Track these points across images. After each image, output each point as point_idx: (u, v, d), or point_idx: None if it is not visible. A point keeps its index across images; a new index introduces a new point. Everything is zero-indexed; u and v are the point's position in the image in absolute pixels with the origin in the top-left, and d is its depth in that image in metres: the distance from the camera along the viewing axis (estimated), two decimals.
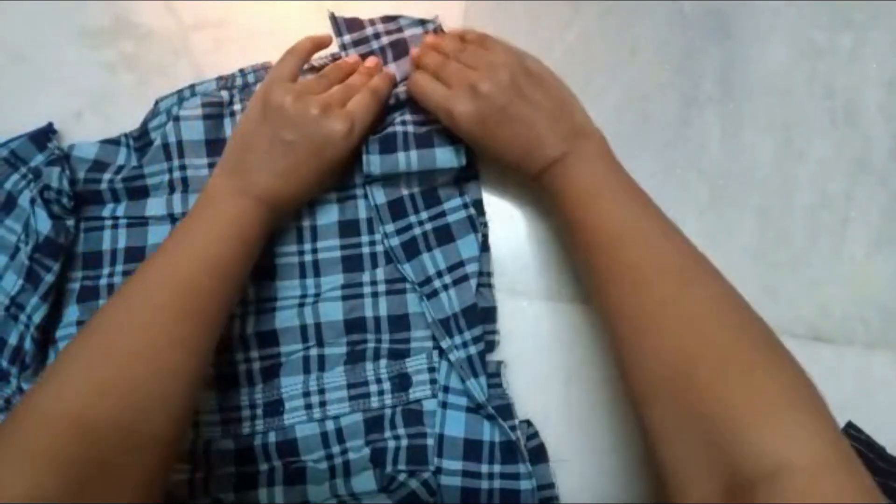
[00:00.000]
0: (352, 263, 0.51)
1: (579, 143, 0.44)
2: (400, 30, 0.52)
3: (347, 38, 0.52)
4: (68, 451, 0.33)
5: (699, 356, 0.35)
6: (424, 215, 0.50)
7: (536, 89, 0.45)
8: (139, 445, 0.36)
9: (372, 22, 0.52)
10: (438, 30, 0.52)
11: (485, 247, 0.51)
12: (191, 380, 0.40)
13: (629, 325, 0.38)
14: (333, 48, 0.52)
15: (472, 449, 0.47)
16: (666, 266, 0.39)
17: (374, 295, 0.50)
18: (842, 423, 0.50)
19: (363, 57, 0.51)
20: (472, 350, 0.48)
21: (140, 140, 0.52)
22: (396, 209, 0.51)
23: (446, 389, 0.48)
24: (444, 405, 0.48)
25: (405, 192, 0.51)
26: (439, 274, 0.49)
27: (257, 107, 0.47)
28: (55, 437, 0.34)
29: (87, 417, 0.35)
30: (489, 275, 0.51)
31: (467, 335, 0.48)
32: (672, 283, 0.38)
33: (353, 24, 0.52)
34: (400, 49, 0.51)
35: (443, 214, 0.50)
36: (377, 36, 0.52)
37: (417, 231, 0.50)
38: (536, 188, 0.45)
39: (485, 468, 0.47)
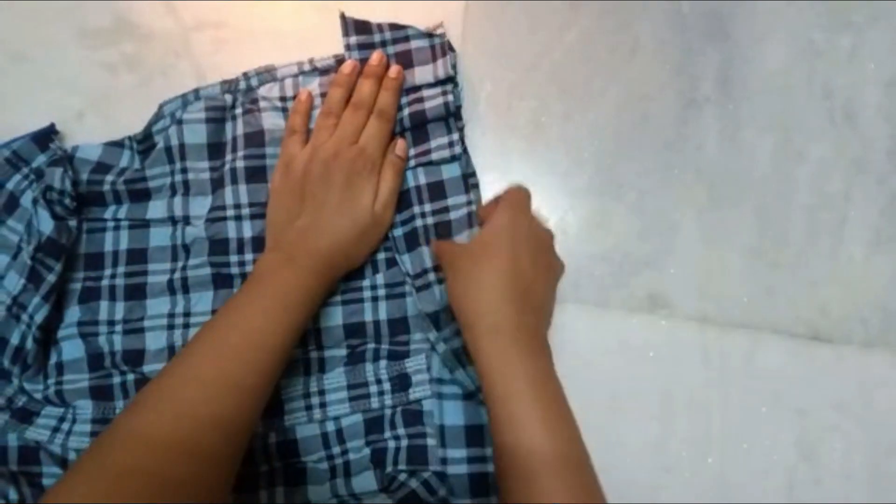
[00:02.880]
0: (352, 270, 0.51)
1: (528, 329, 0.42)
2: (407, 39, 0.52)
3: (353, 39, 0.52)
4: (141, 467, 0.36)
5: None
6: (428, 207, 0.51)
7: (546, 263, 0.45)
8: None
9: (381, 28, 0.52)
10: (444, 43, 0.52)
11: None
12: (235, 442, 0.40)
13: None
14: (336, 49, 0.53)
15: (474, 434, 0.48)
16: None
17: (374, 299, 0.51)
18: (842, 424, 0.50)
19: (363, 63, 0.51)
20: (457, 342, 0.48)
21: (143, 143, 0.52)
22: (401, 199, 0.51)
23: (440, 381, 0.49)
24: (439, 396, 0.48)
25: (412, 184, 0.51)
26: (435, 268, 0.49)
27: (278, 186, 0.49)
28: (131, 455, 0.36)
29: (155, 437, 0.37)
30: None
31: (454, 327, 0.48)
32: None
33: (362, 27, 0.52)
34: (405, 60, 0.51)
35: (446, 210, 0.51)
36: (384, 44, 0.52)
37: (419, 223, 0.50)
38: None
39: (489, 451, 0.47)
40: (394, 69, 0.51)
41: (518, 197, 0.46)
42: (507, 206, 0.45)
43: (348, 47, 0.52)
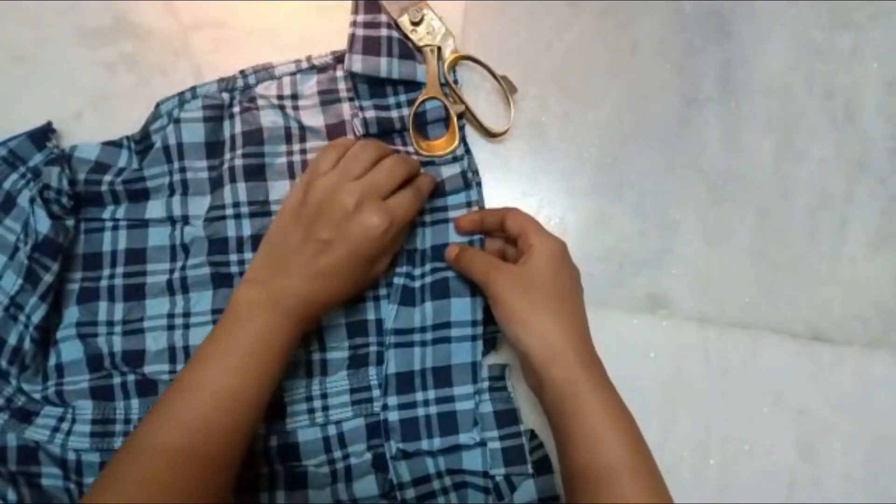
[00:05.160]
0: None
1: (585, 351, 0.43)
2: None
3: (360, 18, 0.51)
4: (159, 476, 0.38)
5: None
6: (426, 206, 0.51)
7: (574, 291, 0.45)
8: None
9: (389, 16, 0.51)
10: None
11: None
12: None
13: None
14: (334, 45, 0.52)
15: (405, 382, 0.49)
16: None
17: (376, 298, 0.50)
18: (842, 424, 0.50)
19: (367, 43, 0.50)
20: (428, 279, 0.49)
21: (141, 143, 0.51)
22: None
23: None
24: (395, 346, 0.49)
25: None
26: (433, 271, 0.49)
27: (292, 205, 0.45)
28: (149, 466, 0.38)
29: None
30: None
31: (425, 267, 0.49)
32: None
33: (371, 7, 0.51)
34: (404, 51, 0.51)
35: (444, 209, 0.51)
36: (389, 26, 0.51)
37: (416, 221, 0.50)
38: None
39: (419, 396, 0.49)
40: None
41: (547, 237, 0.46)
42: (550, 235, 0.45)
43: (354, 24, 0.51)
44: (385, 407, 0.49)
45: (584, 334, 0.43)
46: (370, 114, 0.50)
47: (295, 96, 0.52)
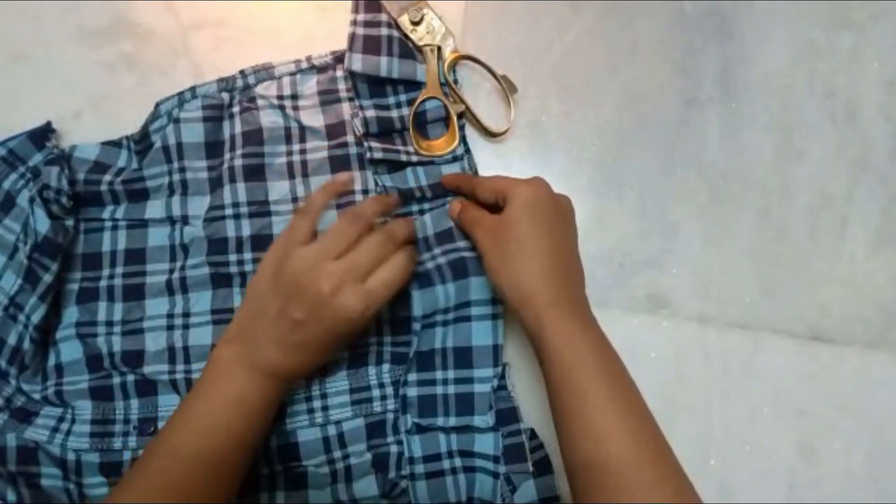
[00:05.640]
0: None
1: (577, 303, 0.43)
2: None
3: (361, 17, 0.51)
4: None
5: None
6: (427, 206, 0.51)
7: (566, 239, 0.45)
8: None
9: (389, 16, 0.51)
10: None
11: None
12: None
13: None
14: (334, 45, 0.52)
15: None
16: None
17: None
18: (842, 424, 0.50)
19: (367, 42, 0.50)
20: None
21: (141, 143, 0.51)
22: (402, 198, 0.51)
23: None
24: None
25: (413, 184, 0.51)
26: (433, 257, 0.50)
27: (269, 271, 0.45)
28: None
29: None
30: None
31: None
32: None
33: (372, 7, 0.51)
34: (404, 51, 0.51)
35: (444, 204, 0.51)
36: (389, 25, 0.51)
37: (418, 222, 0.50)
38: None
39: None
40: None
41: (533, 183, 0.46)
42: (526, 183, 0.45)
43: (354, 23, 0.51)
44: (405, 383, 0.49)
45: (564, 276, 0.43)
46: (370, 113, 0.50)
47: (295, 96, 0.52)
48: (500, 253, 0.43)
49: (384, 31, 0.51)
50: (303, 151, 0.51)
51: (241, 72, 0.52)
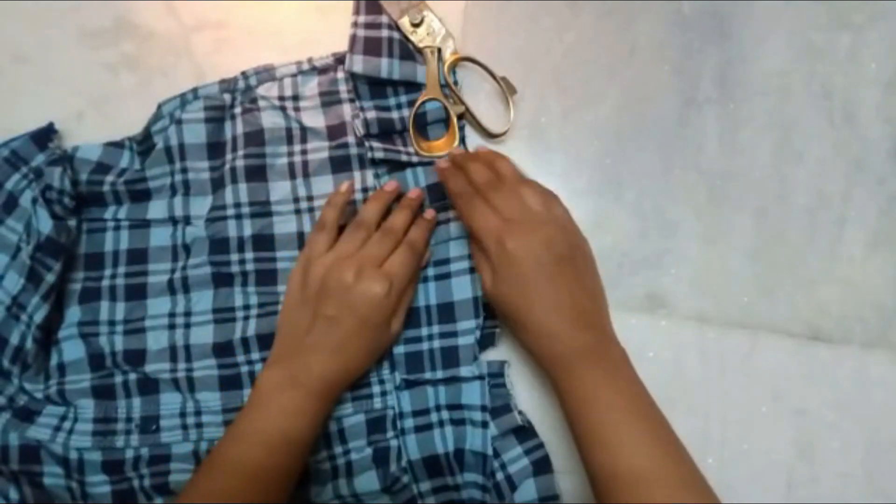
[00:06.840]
0: None
1: (602, 346, 0.44)
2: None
3: (361, 18, 0.51)
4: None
5: None
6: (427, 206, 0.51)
7: (578, 271, 0.45)
8: None
9: (389, 17, 0.52)
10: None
11: None
12: None
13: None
14: (334, 47, 0.53)
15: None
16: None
17: None
18: (841, 423, 0.50)
19: (368, 43, 0.51)
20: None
21: (143, 143, 0.52)
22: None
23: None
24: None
25: (413, 185, 0.51)
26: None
27: (295, 289, 0.48)
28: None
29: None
30: None
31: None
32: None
33: (372, 8, 0.52)
34: (405, 52, 0.51)
35: (445, 209, 0.51)
36: (390, 27, 0.51)
37: None
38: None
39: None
40: (429, 212, 0.51)
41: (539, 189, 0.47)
42: (520, 242, 0.44)
43: (355, 25, 0.51)
44: None
45: (586, 320, 0.44)
46: (371, 114, 0.51)
47: (296, 97, 0.52)
48: (504, 283, 0.44)
49: (385, 33, 0.51)
50: (304, 152, 0.52)
51: (243, 73, 0.52)
